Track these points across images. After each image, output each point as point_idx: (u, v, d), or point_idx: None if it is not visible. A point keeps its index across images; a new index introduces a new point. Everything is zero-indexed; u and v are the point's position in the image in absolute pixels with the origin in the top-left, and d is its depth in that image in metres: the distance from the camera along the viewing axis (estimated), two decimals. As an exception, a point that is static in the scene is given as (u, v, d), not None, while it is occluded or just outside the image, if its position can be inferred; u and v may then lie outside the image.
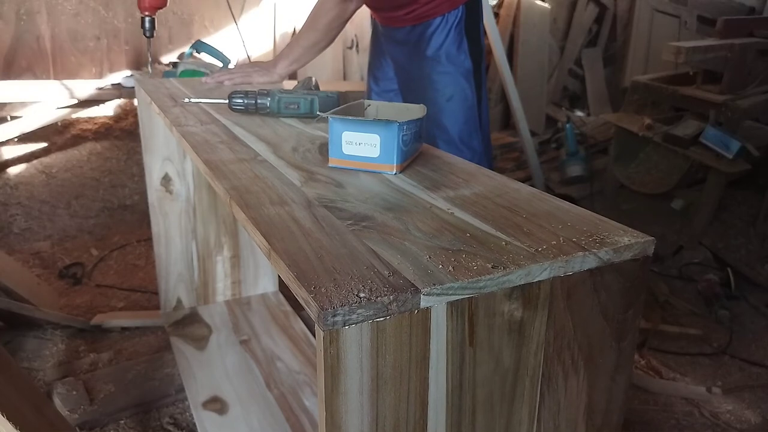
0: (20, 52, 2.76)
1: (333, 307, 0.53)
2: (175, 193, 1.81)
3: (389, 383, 0.59)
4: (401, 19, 1.63)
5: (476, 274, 0.60)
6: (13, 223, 2.55)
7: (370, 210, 0.77)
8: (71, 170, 2.79)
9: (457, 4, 1.59)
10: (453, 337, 0.61)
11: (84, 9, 2.84)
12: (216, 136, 1.12)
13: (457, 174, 0.94)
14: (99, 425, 1.52)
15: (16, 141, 2.72)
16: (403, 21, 1.63)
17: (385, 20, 1.70)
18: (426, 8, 1.58)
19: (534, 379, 0.68)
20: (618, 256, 0.68)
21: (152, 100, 1.42)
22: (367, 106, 1.10)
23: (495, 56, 3.27)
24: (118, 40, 2.95)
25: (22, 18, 2.72)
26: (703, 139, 2.57)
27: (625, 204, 3.05)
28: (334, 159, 0.94)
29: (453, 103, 1.64)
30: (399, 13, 1.62)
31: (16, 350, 1.79)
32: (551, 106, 4.00)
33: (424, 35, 1.61)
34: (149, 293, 2.18)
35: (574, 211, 0.78)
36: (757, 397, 1.75)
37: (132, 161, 2.90)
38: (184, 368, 1.66)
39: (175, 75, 1.89)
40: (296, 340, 1.79)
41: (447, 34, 1.59)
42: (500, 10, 3.75)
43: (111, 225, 2.69)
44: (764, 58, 2.78)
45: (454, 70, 1.62)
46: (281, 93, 1.27)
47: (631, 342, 0.74)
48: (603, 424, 0.77)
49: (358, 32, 3.46)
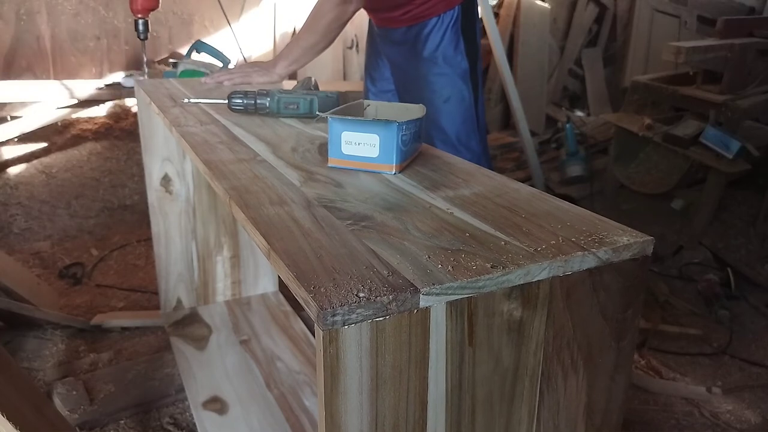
0: (20, 52, 2.76)
1: (332, 307, 0.53)
2: (174, 193, 1.81)
3: (389, 383, 0.59)
4: (397, 19, 1.63)
5: (475, 274, 0.60)
6: (13, 223, 2.55)
7: (370, 210, 0.77)
8: (71, 170, 2.79)
9: (452, 5, 1.59)
10: (452, 336, 0.61)
11: (84, 9, 2.84)
12: (215, 136, 1.12)
13: (457, 174, 0.94)
14: (99, 425, 1.52)
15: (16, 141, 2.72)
16: (399, 22, 1.63)
17: (381, 21, 1.70)
18: (421, 9, 1.58)
19: (533, 378, 0.68)
20: (617, 256, 0.68)
21: (152, 100, 1.42)
22: (366, 106, 1.10)
23: (495, 56, 3.27)
24: (118, 40, 2.95)
25: (22, 18, 2.72)
26: (703, 139, 2.57)
27: (625, 204, 3.05)
28: (333, 159, 0.94)
29: (450, 104, 1.64)
30: (395, 13, 1.62)
31: (16, 350, 1.79)
32: (551, 106, 4.00)
33: (420, 36, 1.61)
34: (149, 293, 2.18)
35: (573, 211, 0.78)
36: (757, 397, 1.75)
37: (132, 161, 2.90)
38: (184, 368, 1.66)
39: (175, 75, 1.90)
40: (296, 340, 1.79)
41: (443, 34, 1.59)
42: (500, 10, 3.75)
43: (111, 225, 2.70)
44: (764, 58, 2.78)
45: (450, 71, 1.62)
46: (281, 93, 1.27)
47: (630, 342, 0.74)
48: (602, 423, 0.77)
49: (358, 32, 3.46)
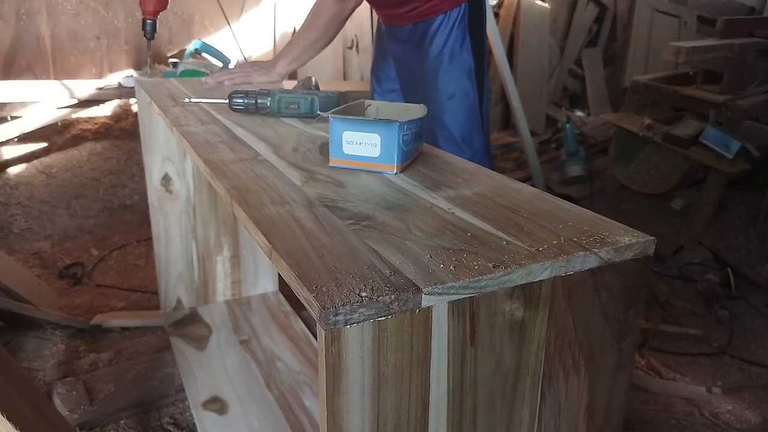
0: (20, 52, 2.75)
1: (334, 307, 0.53)
2: (175, 193, 1.81)
3: (390, 383, 0.59)
4: (403, 17, 1.63)
5: (477, 274, 0.60)
6: (13, 223, 2.55)
7: (371, 210, 0.77)
8: (71, 170, 2.78)
9: (459, 2, 1.59)
10: (454, 336, 0.61)
11: (84, 9, 2.84)
12: (216, 136, 1.12)
13: (458, 174, 0.94)
14: (99, 425, 1.52)
15: (16, 141, 2.72)
16: (404, 19, 1.63)
17: (388, 18, 1.70)
18: (427, 6, 1.58)
19: (535, 378, 0.68)
20: (619, 256, 0.68)
21: (152, 100, 1.42)
22: (367, 106, 1.10)
23: (495, 56, 3.27)
24: (118, 40, 2.95)
25: (22, 18, 2.72)
26: (703, 139, 2.57)
27: (625, 204, 3.05)
28: (334, 159, 0.94)
29: (454, 101, 1.64)
30: (400, 10, 1.62)
31: (16, 350, 1.79)
32: (551, 106, 4.00)
33: (426, 33, 1.61)
34: (149, 293, 2.17)
35: (575, 211, 0.78)
36: (757, 397, 1.75)
37: (132, 161, 2.90)
38: (184, 368, 1.66)
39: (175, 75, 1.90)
40: (296, 340, 1.79)
41: (450, 32, 1.59)
42: (500, 10, 3.75)
43: (111, 225, 2.69)
44: (764, 58, 2.78)
45: (456, 68, 1.62)
46: (281, 93, 1.27)
47: (631, 342, 0.74)
48: (604, 423, 0.77)
49: (358, 32, 3.46)
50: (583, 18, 3.99)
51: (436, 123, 1.64)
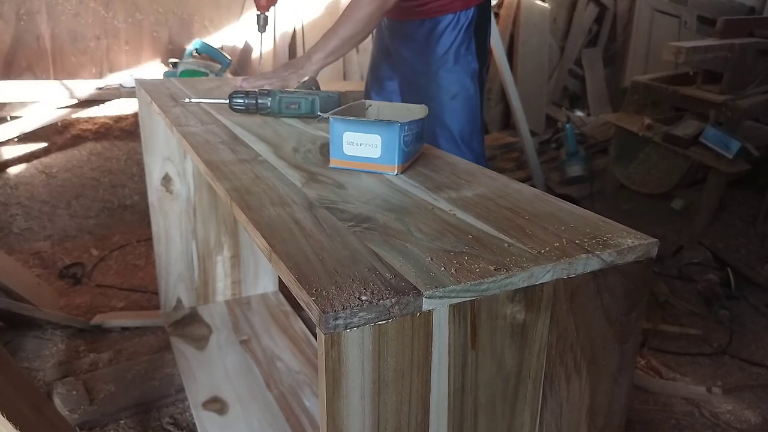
0: (20, 52, 2.75)
1: (334, 311, 0.53)
2: (175, 193, 1.81)
3: (391, 386, 0.59)
4: (413, 11, 1.62)
5: (479, 277, 0.60)
6: (13, 223, 2.55)
7: (372, 211, 0.77)
8: (71, 170, 2.78)
9: (470, 5, 1.59)
10: (455, 339, 0.61)
11: (84, 9, 2.84)
12: (217, 136, 1.12)
13: (459, 175, 0.93)
14: (99, 425, 1.52)
15: (16, 141, 2.71)
16: (414, 14, 1.62)
17: (395, 12, 1.69)
18: (439, 3, 1.58)
19: (536, 381, 0.68)
20: (621, 258, 0.68)
21: (153, 99, 1.41)
22: (368, 107, 1.10)
23: (495, 56, 3.26)
24: (118, 40, 2.94)
25: (22, 18, 2.72)
26: (703, 139, 2.57)
27: (625, 204, 3.05)
28: (335, 159, 0.94)
29: (457, 101, 1.64)
30: (411, 3, 1.61)
31: (16, 350, 1.79)
32: (551, 106, 3.99)
33: (433, 32, 1.61)
34: (149, 293, 2.17)
35: (576, 213, 0.77)
36: (757, 397, 1.75)
37: (132, 161, 2.90)
38: (184, 368, 1.66)
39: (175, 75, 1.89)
40: (296, 340, 1.79)
41: (458, 34, 1.59)
42: (500, 10, 3.74)
43: (111, 225, 2.69)
44: (764, 58, 2.77)
45: (461, 69, 1.62)
46: (282, 93, 1.27)
47: (633, 344, 0.74)
48: (605, 425, 0.77)
49: (358, 32, 3.45)
50: (583, 18, 3.99)
51: (437, 123, 1.64)
